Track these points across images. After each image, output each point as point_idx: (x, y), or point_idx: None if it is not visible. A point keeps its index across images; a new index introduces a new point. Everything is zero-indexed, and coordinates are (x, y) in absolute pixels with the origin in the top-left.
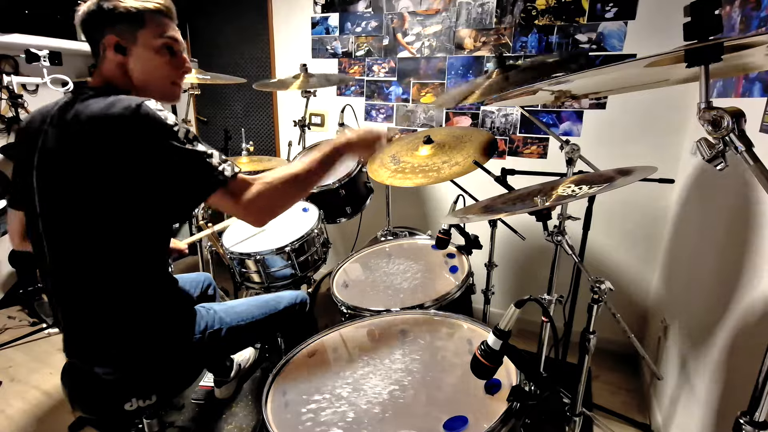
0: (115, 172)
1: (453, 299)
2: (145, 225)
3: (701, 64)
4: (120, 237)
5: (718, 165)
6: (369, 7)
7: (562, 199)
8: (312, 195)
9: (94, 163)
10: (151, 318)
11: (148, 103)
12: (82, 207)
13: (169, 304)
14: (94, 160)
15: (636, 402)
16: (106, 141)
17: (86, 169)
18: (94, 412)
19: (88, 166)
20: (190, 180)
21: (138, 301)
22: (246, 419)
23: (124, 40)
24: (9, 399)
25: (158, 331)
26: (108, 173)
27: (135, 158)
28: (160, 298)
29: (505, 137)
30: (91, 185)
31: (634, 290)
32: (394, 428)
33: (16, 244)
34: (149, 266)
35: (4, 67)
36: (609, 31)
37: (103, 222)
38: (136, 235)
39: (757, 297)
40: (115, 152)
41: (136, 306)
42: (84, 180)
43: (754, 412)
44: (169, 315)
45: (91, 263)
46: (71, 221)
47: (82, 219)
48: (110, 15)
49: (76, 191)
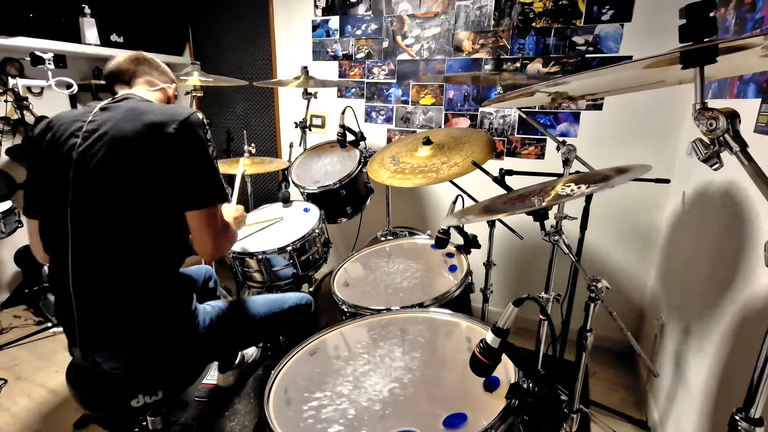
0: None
1: (452, 298)
2: (170, 222)
3: (696, 66)
4: (147, 231)
5: (713, 165)
6: (369, 10)
7: (558, 199)
8: (313, 195)
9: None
10: (161, 312)
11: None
12: (118, 200)
13: (178, 300)
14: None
15: (633, 399)
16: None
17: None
18: (101, 409)
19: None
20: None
21: (152, 295)
22: (248, 416)
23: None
24: (15, 397)
25: (167, 324)
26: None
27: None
28: (171, 294)
29: (503, 138)
30: (130, 186)
31: (630, 288)
32: (395, 425)
33: (41, 258)
34: (167, 261)
35: (10, 69)
36: (605, 33)
37: (133, 217)
38: (162, 232)
39: (751, 295)
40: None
41: (150, 300)
42: (124, 181)
43: (750, 409)
44: (178, 310)
45: (115, 256)
46: (103, 214)
47: (114, 212)
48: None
49: (116, 183)
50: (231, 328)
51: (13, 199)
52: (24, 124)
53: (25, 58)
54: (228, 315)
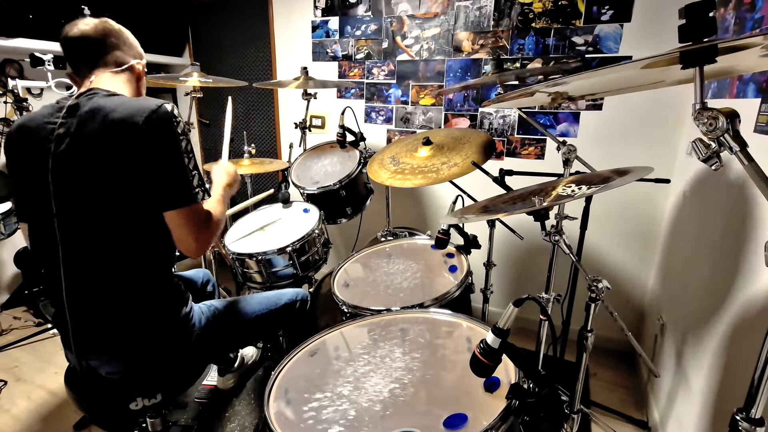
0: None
1: (452, 298)
2: (153, 223)
3: (696, 66)
4: (133, 234)
5: (713, 165)
6: (368, 11)
7: (559, 199)
8: (313, 196)
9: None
10: (156, 315)
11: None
12: (100, 205)
13: (172, 302)
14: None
15: (633, 399)
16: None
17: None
18: (99, 412)
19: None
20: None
21: (145, 299)
22: (248, 417)
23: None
24: (14, 398)
25: (162, 328)
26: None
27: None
28: (165, 296)
29: (503, 138)
30: (110, 183)
31: (631, 289)
32: (395, 426)
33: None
34: (158, 263)
35: (9, 71)
36: (605, 33)
37: (118, 221)
38: (149, 233)
39: (752, 294)
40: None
41: (144, 304)
42: (101, 184)
43: (750, 409)
44: (173, 312)
45: (105, 262)
46: (89, 221)
47: (99, 218)
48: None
49: (95, 188)
50: (227, 327)
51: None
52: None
53: (24, 60)
54: (224, 314)
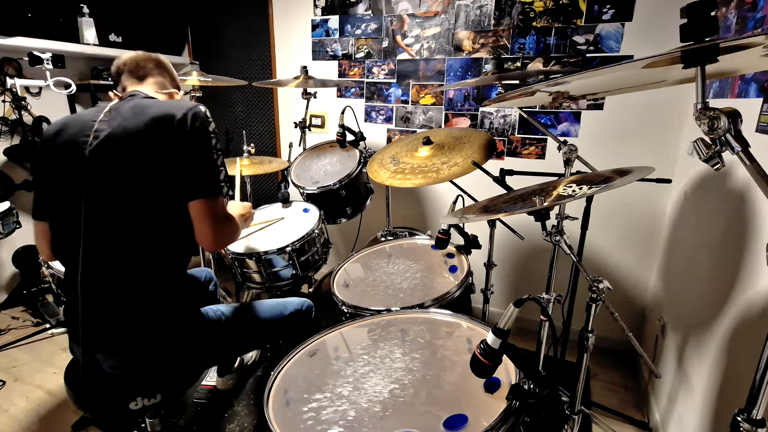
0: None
1: (452, 298)
2: (178, 217)
3: (697, 65)
4: (157, 228)
5: (715, 165)
6: (368, 10)
7: (560, 199)
8: (313, 195)
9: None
10: (167, 312)
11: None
12: (131, 194)
13: (184, 301)
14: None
15: (634, 400)
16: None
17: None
18: (99, 411)
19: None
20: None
21: (159, 295)
22: (248, 418)
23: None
24: (13, 398)
25: (171, 325)
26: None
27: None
28: (178, 294)
29: (504, 138)
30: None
31: (632, 289)
32: (395, 426)
33: (47, 256)
34: (175, 261)
35: (8, 69)
36: (606, 32)
37: (145, 213)
38: (171, 229)
39: (754, 295)
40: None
41: (157, 300)
42: (134, 176)
43: (752, 410)
44: (184, 311)
45: (125, 255)
46: (117, 212)
47: (127, 208)
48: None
49: (129, 176)
50: (232, 333)
51: (11, 200)
52: (22, 125)
53: (23, 58)
54: (229, 319)
